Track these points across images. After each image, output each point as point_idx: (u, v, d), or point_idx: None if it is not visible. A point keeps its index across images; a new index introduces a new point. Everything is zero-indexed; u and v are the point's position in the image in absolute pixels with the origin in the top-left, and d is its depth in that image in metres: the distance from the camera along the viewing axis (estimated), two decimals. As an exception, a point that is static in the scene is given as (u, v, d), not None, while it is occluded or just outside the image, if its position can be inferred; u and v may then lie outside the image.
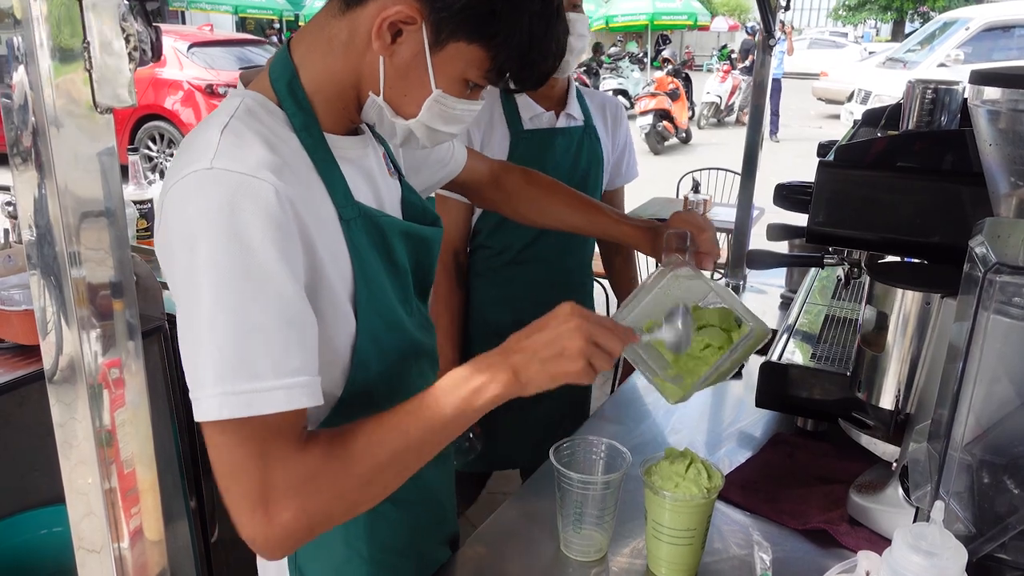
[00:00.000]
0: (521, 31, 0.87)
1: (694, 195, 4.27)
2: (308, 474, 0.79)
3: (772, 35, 2.13)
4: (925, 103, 1.36)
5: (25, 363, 1.95)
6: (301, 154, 0.88)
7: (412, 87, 0.89)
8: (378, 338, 0.92)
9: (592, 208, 1.33)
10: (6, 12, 0.44)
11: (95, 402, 0.52)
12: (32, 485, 2.25)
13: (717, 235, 1.15)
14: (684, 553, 1.06)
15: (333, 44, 0.89)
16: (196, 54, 8.17)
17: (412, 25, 0.85)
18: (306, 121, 0.89)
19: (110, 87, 0.47)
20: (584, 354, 0.84)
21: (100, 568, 0.55)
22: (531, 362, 0.84)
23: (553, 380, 0.85)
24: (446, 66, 0.88)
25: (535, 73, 0.92)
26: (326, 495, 0.80)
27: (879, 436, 1.24)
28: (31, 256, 0.50)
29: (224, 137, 0.80)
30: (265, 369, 0.76)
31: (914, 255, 1.26)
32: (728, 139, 12.19)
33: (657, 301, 1.04)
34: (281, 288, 0.78)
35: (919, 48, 11.99)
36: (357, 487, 0.82)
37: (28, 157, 0.47)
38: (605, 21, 16.52)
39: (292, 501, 0.77)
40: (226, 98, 0.90)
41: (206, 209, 0.76)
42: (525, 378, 0.85)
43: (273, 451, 0.77)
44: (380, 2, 0.84)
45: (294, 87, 0.89)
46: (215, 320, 0.75)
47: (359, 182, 0.95)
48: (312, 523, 0.80)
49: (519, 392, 0.86)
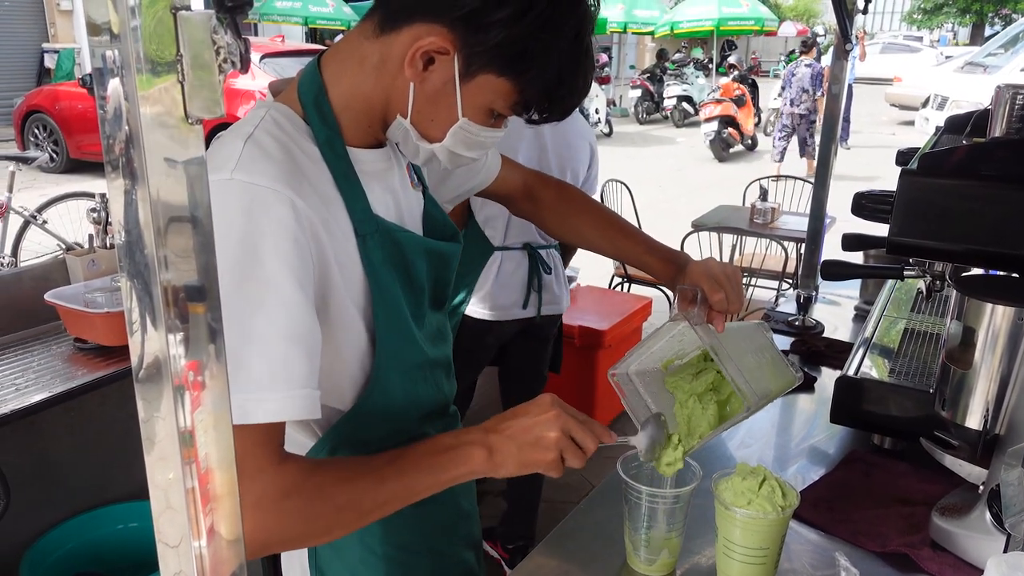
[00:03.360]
0: (551, 68, 0.88)
1: (762, 203, 4.19)
2: (279, 491, 0.80)
3: (849, 40, 2.06)
4: (1016, 109, 1.29)
5: (106, 364, 2.03)
6: (322, 168, 0.89)
7: (439, 113, 0.90)
8: (394, 352, 0.93)
9: (620, 234, 1.28)
10: (103, 28, 0.45)
11: (178, 402, 0.53)
12: (111, 481, 2.34)
13: (741, 288, 1.07)
14: (756, 572, 1.03)
15: (365, 65, 0.90)
16: (268, 64, 8.41)
17: (445, 55, 0.85)
18: (330, 136, 0.91)
19: (200, 98, 0.48)
20: (558, 446, 0.87)
21: (178, 562, 0.56)
22: (507, 444, 0.87)
23: (523, 467, 0.88)
24: (474, 96, 0.89)
25: (560, 108, 0.93)
26: (294, 516, 0.81)
27: (964, 457, 1.18)
28: (121, 260, 0.51)
29: (247, 148, 0.82)
30: (262, 378, 0.78)
31: (1000, 268, 1.19)
32: (796, 146, 11.91)
33: (668, 348, 1.06)
34: (287, 300, 0.80)
35: (1001, 52, 11.49)
36: (332, 511, 0.83)
37: (120, 165, 0.48)
38: (670, 27, 16.33)
39: (252, 512, 0.77)
40: (252, 109, 0.92)
41: (221, 218, 0.77)
42: (499, 459, 0.87)
43: (248, 462, 0.76)
44: (415, 30, 0.86)
45: (320, 102, 0.91)
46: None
47: (380, 195, 0.96)
48: (269, 540, 0.80)
49: (492, 471, 0.88)
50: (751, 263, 4.26)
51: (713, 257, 1.23)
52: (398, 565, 1.06)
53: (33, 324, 2.24)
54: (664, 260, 1.20)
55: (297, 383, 0.80)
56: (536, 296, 2.26)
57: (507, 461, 0.87)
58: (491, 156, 1.26)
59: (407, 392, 1.00)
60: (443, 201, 1.22)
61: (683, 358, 1.10)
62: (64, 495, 2.27)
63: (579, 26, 0.88)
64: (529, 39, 0.85)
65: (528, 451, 0.87)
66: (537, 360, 2.48)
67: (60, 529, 2.21)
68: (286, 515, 0.81)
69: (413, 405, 1.03)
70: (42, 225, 4.27)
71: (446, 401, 1.13)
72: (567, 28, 0.87)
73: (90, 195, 4.28)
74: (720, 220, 4.22)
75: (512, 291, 2.24)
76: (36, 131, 9.43)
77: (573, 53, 0.89)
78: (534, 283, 2.25)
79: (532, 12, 0.84)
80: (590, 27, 0.90)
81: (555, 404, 0.89)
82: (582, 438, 0.89)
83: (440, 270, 1.05)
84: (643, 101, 14.96)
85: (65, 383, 1.91)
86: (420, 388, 0.88)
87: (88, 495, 2.31)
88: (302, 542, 0.86)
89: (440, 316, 1.09)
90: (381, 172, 0.98)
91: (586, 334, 3.33)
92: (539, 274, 2.25)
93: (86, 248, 2.38)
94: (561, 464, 0.89)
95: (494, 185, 1.28)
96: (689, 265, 1.11)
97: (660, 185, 9.17)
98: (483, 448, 0.87)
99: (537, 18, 0.84)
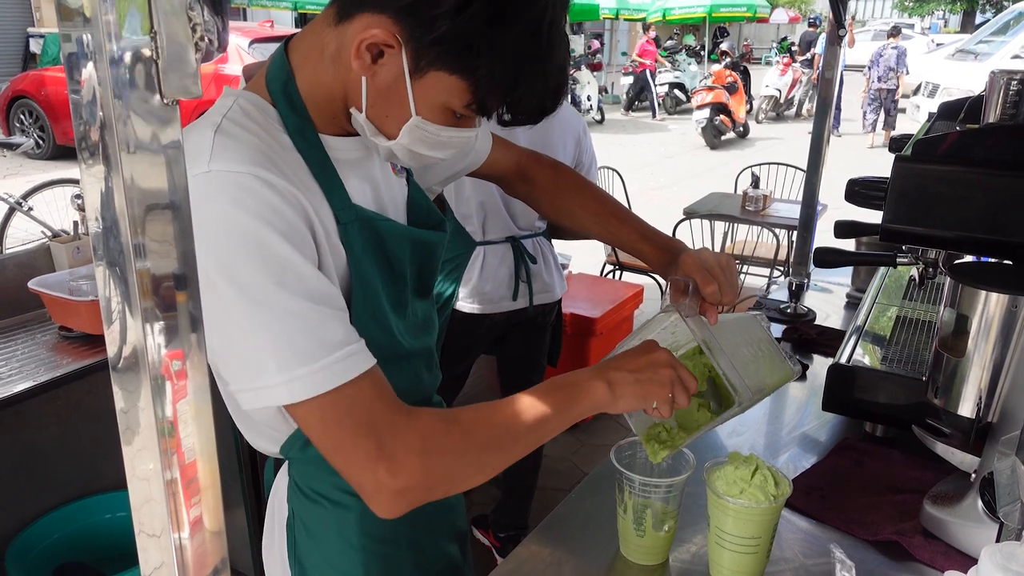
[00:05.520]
0: (505, 66, 0.82)
1: (753, 190, 4.18)
2: (424, 435, 0.82)
3: (843, 26, 2.05)
4: (1010, 95, 1.28)
5: (91, 352, 2.01)
6: (295, 156, 0.87)
7: (392, 109, 0.87)
8: (370, 339, 0.92)
9: (615, 219, 1.25)
10: (76, 11, 0.43)
11: (158, 392, 0.52)
12: (99, 471, 2.33)
13: (735, 280, 1.04)
14: (748, 562, 1.02)
15: (324, 54, 0.88)
16: (257, 49, 8.33)
17: (392, 49, 0.82)
18: (300, 124, 0.88)
19: (176, 78, 0.46)
20: (673, 383, 0.91)
21: (160, 553, 0.55)
22: (626, 380, 0.91)
23: (642, 400, 0.92)
24: (427, 94, 0.84)
25: (522, 110, 0.87)
26: (447, 456, 0.83)
27: (956, 445, 1.18)
28: (96, 248, 0.49)
29: (217, 138, 0.81)
30: (316, 349, 0.78)
31: (994, 255, 1.19)
32: (787, 134, 11.92)
33: (660, 339, 1.06)
34: (301, 272, 0.80)
35: (992, 39, 11.50)
36: (478, 447, 0.85)
37: (96, 151, 0.47)
38: (662, 13, 16.27)
39: (413, 457, 0.80)
40: (220, 97, 0.89)
41: (211, 213, 0.77)
42: (619, 392, 0.90)
43: (378, 418, 0.80)
44: (364, 20, 0.82)
45: (289, 90, 0.89)
46: (253, 316, 0.77)
47: (357, 184, 0.94)
48: (431, 482, 0.83)
49: (610, 405, 0.91)
50: (743, 251, 4.26)
51: (707, 247, 1.21)
52: (378, 558, 1.04)
53: (17, 312, 2.21)
54: (658, 248, 1.17)
55: (345, 342, 0.81)
56: (526, 287, 2.25)
57: (626, 393, 0.91)
58: (481, 137, 1.23)
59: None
60: (432, 184, 1.20)
61: (677, 350, 1.09)
62: (50, 485, 2.26)
63: (536, 22, 0.81)
64: (474, 34, 0.79)
65: (647, 384, 0.91)
66: (533, 349, 2.46)
67: (46, 519, 2.20)
68: (442, 455, 0.83)
69: None
70: (27, 212, 4.22)
71: (427, 392, 1.11)
72: (520, 23, 0.80)
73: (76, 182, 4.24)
74: (712, 207, 4.21)
75: (499, 284, 2.22)
76: (22, 117, 9.33)
77: (531, 50, 0.82)
78: (521, 274, 2.23)
79: (475, 5, 0.78)
80: (554, 23, 0.83)
81: (663, 349, 0.94)
82: (687, 378, 0.93)
83: (425, 259, 1.03)
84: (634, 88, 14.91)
85: (50, 372, 1.89)
86: (396, 379, 0.86)
87: (74, 485, 2.29)
88: (455, 484, 0.87)
89: (426, 304, 1.08)
90: (357, 160, 0.95)
91: (578, 322, 3.32)
92: (525, 265, 2.24)
93: (71, 235, 2.35)
94: (672, 403, 0.93)
95: (485, 166, 1.26)
96: (682, 255, 1.07)
97: (652, 172, 9.15)
98: (603, 382, 0.90)
99: (483, 11, 0.78)
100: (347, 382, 0.80)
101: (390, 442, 0.80)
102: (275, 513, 1.07)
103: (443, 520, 1.16)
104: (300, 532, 1.03)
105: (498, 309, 2.25)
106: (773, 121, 13.21)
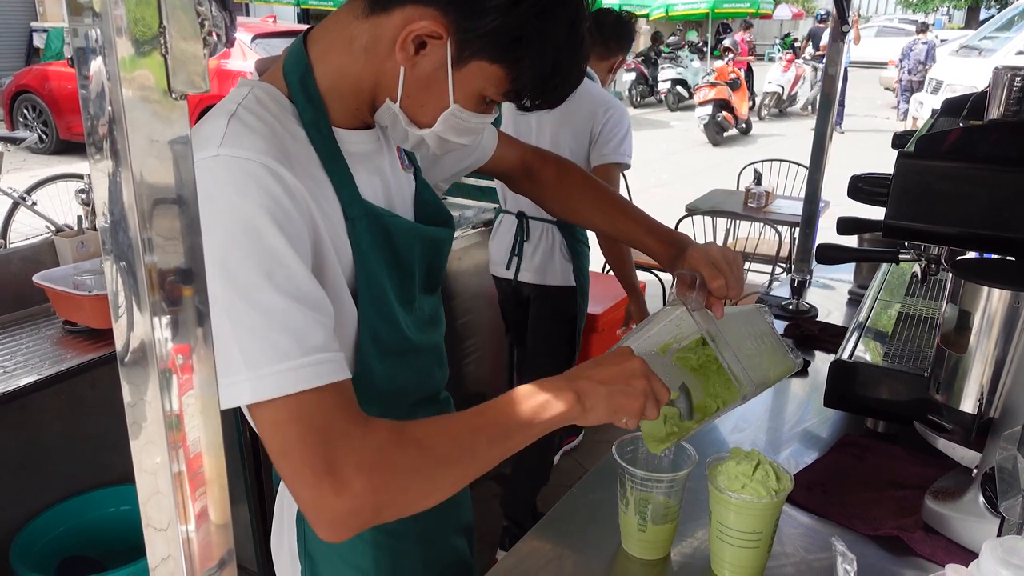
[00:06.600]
0: (546, 57, 0.86)
1: (756, 187, 4.18)
2: (376, 449, 0.77)
3: (847, 22, 2.05)
4: (1013, 91, 1.28)
5: (96, 346, 2.02)
6: (308, 149, 0.87)
7: (430, 99, 0.88)
8: (377, 335, 0.91)
9: (620, 213, 1.25)
10: (85, 6, 0.44)
11: (164, 386, 0.52)
12: (105, 464, 2.34)
13: (741, 274, 1.04)
14: (749, 556, 1.03)
15: (353, 46, 0.88)
16: (260, 45, 8.32)
17: (437, 40, 0.84)
18: (315, 117, 0.89)
19: (184, 72, 0.46)
20: (646, 394, 0.87)
21: (167, 547, 0.56)
22: (597, 392, 0.86)
23: (612, 412, 0.87)
24: (466, 82, 0.87)
25: (553, 96, 0.91)
26: (401, 473, 0.78)
27: (958, 440, 1.18)
28: (105, 242, 0.50)
29: (231, 125, 0.81)
30: (290, 349, 0.75)
31: (997, 251, 1.19)
32: (790, 130, 11.89)
33: (666, 332, 1.05)
34: (292, 270, 0.78)
35: (996, 35, 11.46)
36: (433, 464, 0.80)
37: (104, 146, 0.47)
38: (665, 9, 16.21)
39: (362, 475, 0.75)
40: (235, 87, 0.90)
41: (213, 196, 0.76)
42: (589, 404, 0.86)
43: (333, 427, 0.76)
44: (407, 12, 0.83)
45: (307, 82, 0.89)
46: (233, 307, 0.75)
47: (367, 178, 0.94)
48: (380, 501, 0.76)
49: (580, 417, 0.86)
50: (745, 247, 4.25)
51: (714, 242, 1.21)
52: (386, 551, 1.05)
53: (22, 306, 2.22)
54: (664, 242, 1.18)
55: (323, 348, 0.78)
56: (516, 260, 2.53)
57: (597, 406, 0.86)
58: (486, 135, 1.24)
59: (391, 378, 0.98)
60: (438, 181, 1.21)
61: (681, 342, 1.09)
62: (54, 478, 2.27)
63: (575, 14, 0.87)
64: (524, 27, 0.83)
65: (618, 396, 0.87)
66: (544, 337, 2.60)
67: (50, 512, 2.20)
68: (392, 472, 0.77)
69: (399, 391, 1.01)
70: (31, 206, 4.22)
71: (436, 387, 1.12)
72: (563, 17, 0.86)
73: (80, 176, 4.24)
74: (714, 204, 4.21)
75: (499, 250, 2.59)
76: (25, 111, 9.33)
77: (569, 42, 0.87)
78: (515, 247, 2.53)
79: (528, 0, 0.82)
80: (586, 16, 0.89)
81: (636, 356, 0.90)
82: (659, 389, 0.89)
83: (432, 255, 1.03)
84: (637, 84, 14.88)
85: (54, 366, 1.90)
86: (405, 374, 0.85)
87: (79, 478, 2.30)
88: (406, 505, 0.81)
89: (433, 300, 1.08)
90: (369, 154, 0.96)
91: (580, 318, 3.33)
92: (521, 240, 2.51)
93: (75, 230, 2.36)
94: (642, 414, 0.88)
95: (491, 163, 1.27)
96: (689, 249, 1.08)
97: (654, 169, 9.14)
98: (572, 393, 0.86)
99: (534, 6, 0.83)
100: (312, 388, 0.76)
101: (341, 454, 0.75)
102: (284, 507, 1.08)
103: (450, 514, 1.16)
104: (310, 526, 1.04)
105: (497, 273, 2.62)
106: (776, 117, 13.18)
